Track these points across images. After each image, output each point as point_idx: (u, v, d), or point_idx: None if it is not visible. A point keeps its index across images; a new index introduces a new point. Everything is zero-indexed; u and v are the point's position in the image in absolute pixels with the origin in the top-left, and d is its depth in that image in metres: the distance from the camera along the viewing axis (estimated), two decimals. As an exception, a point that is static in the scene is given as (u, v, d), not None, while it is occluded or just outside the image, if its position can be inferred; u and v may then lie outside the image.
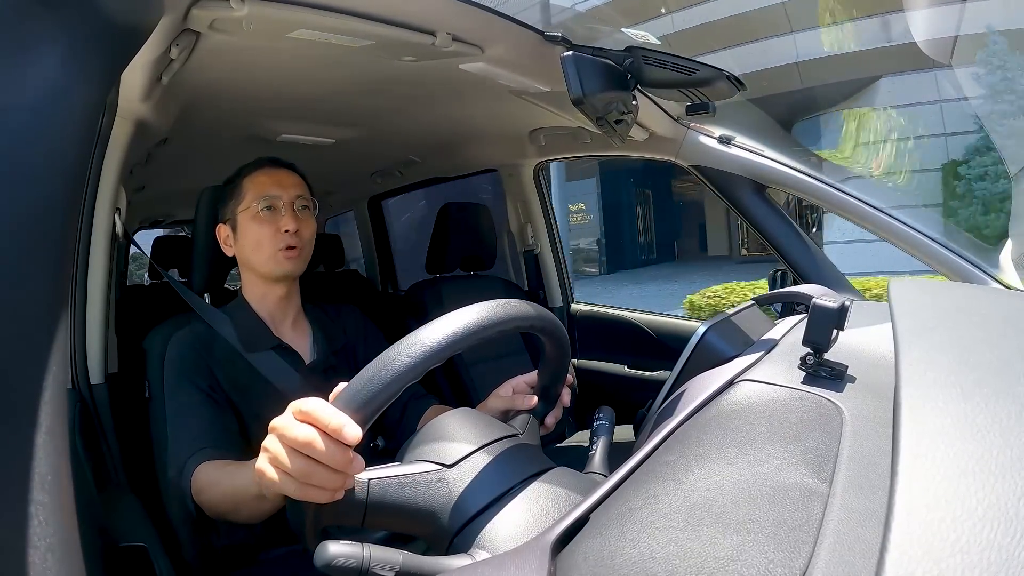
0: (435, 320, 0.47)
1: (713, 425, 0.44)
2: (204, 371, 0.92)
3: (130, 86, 0.93)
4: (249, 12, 0.76)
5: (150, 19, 0.40)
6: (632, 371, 1.78)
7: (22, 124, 0.28)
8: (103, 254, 1.05)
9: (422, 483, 0.48)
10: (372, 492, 0.46)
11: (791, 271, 1.29)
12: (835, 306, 0.47)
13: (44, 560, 0.24)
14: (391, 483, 0.47)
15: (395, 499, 0.47)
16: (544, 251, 1.96)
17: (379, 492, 0.47)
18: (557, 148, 1.68)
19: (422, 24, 0.88)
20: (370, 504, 0.46)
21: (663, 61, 0.88)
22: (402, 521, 0.48)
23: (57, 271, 0.29)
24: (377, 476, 0.47)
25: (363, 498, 0.46)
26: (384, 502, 0.47)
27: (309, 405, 0.45)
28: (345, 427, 0.43)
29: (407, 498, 0.47)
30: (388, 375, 0.44)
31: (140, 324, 1.10)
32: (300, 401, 0.46)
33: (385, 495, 0.47)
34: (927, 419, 0.30)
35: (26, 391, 0.26)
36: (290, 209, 0.97)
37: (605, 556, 0.32)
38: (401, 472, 0.48)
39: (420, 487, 0.48)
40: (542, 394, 0.67)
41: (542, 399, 0.67)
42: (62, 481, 0.26)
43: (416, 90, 1.22)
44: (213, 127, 1.35)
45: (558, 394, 0.67)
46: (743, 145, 1.30)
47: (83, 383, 1.03)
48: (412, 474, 0.48)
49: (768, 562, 0.29)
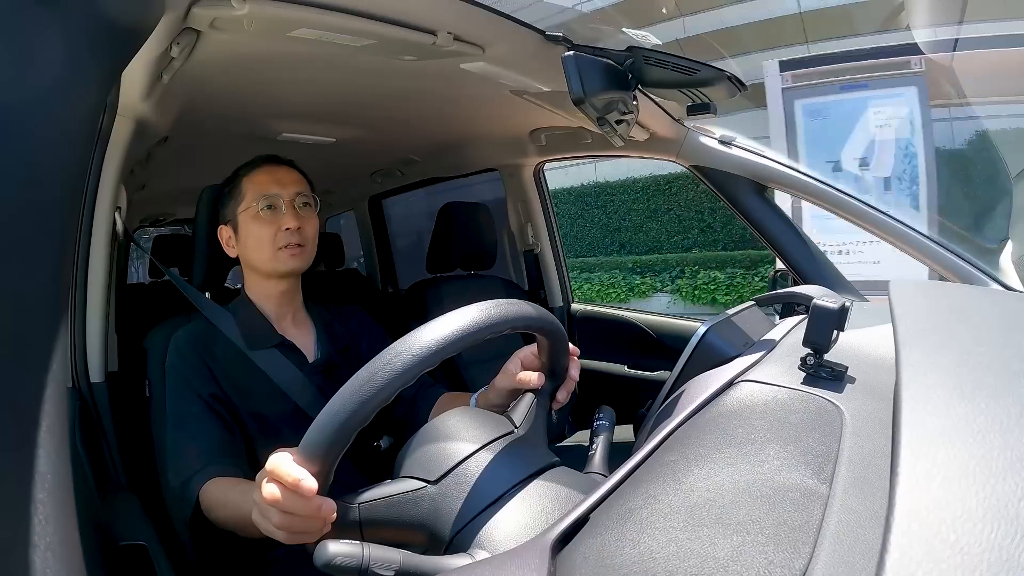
0: (391, 346, 0.48)
1: (713, 425, 0.44)
2: (205, 375, 0.92)
3: (131, 85, 0.93)
4: (250, 11, 0.76)
5: (151, 18, 0.40)
6: (632, 371, 1.78)
7: (22, 124, 0.28)
8: (103, 253, 1.05)
9: (406, 502, 0.49)
10: (363, 514, 0.48)
11: (791, 271, 1.29)
12: (835, 307, 0.47)
13: (44, 560, 0.24)
14: (378, 504, 0.49)
15: (385, 518, 0.49)
16: (544, 251, 1.96)
17: (369, 514, 0.48)
18: (557, 148, 1.68)
19: (423, 24, 0.88)
20: (364, 524, 0.48)
21: (664, 61, 0.88)
22: (398, 534, 0.50)
23: (57, 270, 0.29)
24: (365, 500, 0.49)
25: (356, 520, 0.48)
26: (376, 520, 0.49)
27: (271, 463, 0.48)
28: (302, 481, 0.45)
29: (396, 516, 0.49)
30: (339, 419, 0.45)
31: (140, 323, 1.10)
32: (270, 459, 0.49)
33: (376, 516, 0.49)
34: (927, 420, 0.30)
35: (26, 390, 0.26)
36: (291, 207, 0.97)
37: (605, 556, 0.32)
38: (386, 493, 0.50)
39: (405, 506, 0.49)
40: (549, 372, 0.66)
41: (549, 377, 0.66)
42: (62, 480, 0.26)
43: (417, 90, 1.22)
44: (214, 126, 1.35)
45: (566, 367, 0.66)
46: (743, 145, 1.30)
47: (83, 382, 1.03)
48: (396, 495, 0.50)
49: (768, 563, 0.29)
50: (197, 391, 0.90)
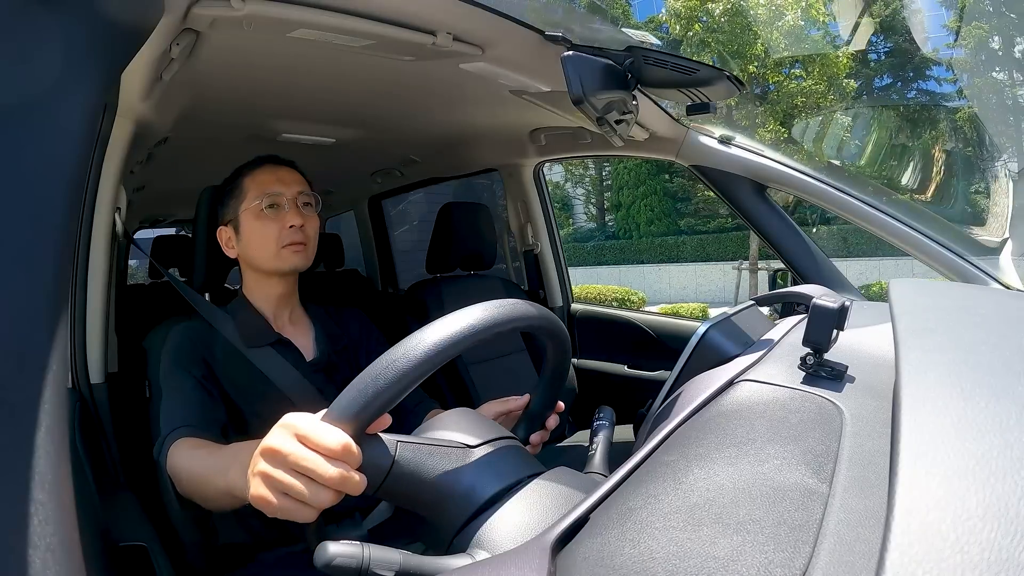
0: (435, 321, 0.47)
1: (713, 425, 0.44)
2: (199, 362, 0.91)
3: (130, 85, 0.93)
4: (249, 12, 0.76)
5: (150, 19, 0.40)
6: (632, 371, 1.78)
7: (22, 124, 0.28)
8: (103, 254, 1.05)
9: (449, 456, 0.48)
10: (400, 455, 0.46)
11: (791, 271, 1.29)
12: (835, 306, 0.47)
13: (44, 560, 0.24)
14: (420, 450, 0.47)
15: (418, 468, 0.46)
16: (544, 251, 1.96)
17: (406, 456, 0.46)
18: (557, 148, 1.68)
19: (422, 24, 0.88)
20: (394, 468, 0.45)
21: (663, 61, 0.88)
22: (417, 494, 0.47)
23: (57, 271, 0.29)
24: (407, 439, 0.47)
25: (389, 461, 0.45)
26: (407, 469, 0.46)
27: (297, 425, 0.44)
28: (350, 446, 0.43)
29: (430, 469, 0.47)
30: (380, 383, 0.43)
31: (140, 324, 1.10)
32: (292, 419, 0.45)
33: (410, 461, 0.46)
34: (927, 419, 0.30)
35: (26, 391, 0.26)
36: (294, 205, 0.97)
37: (605, 556, 0.32)
38: (430, 441, 0.48)
39: (446, 459, 0.47)
40: (527, 420, 0.69)
41: (526, 425, 0.69)
42: (62, 481, 0.26)
43: (416, 90, 1.22)
44: (213, 127, 1.35)
45: (547, 417, 0.69)
46: (743, 145, 1.30)
47: (83, 382, 1.03)
48: (441, 445, 0.48)
49: (768, 562, 0.29)
50: (188, 370, 0.89)
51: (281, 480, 0.44)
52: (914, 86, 13.49)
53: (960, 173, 9.20)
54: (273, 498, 0.45)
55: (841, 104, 9.03)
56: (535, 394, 0.68)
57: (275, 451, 0.45)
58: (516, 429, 0.69)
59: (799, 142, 8.15)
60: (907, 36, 12.20)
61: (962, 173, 9.20)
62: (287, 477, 0.44)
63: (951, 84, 13.16)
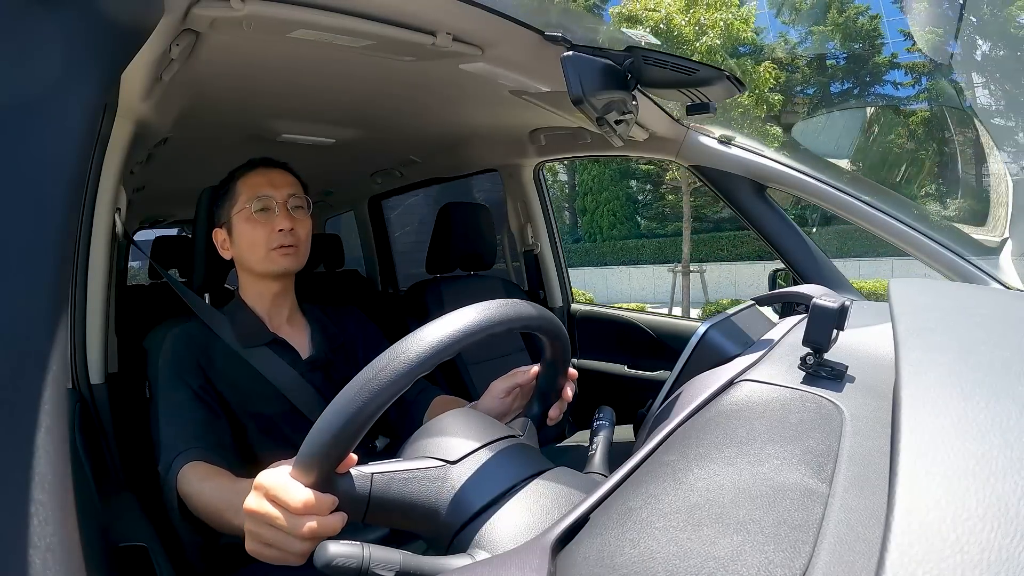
0: (395, 344, 0.46)
1: (713, 425, 0.44)
2: (196, 370, 0.92)
3: (130, 86, 0.93)
4: (249, 12, 0.76)
5: (150, 19, 0.40)
6: (632, 371, 1.78)
7: (22, 124, 0.28)
8: (103, 254, 1.05)
9: (425, 478, 0.48)
10: (375, 486, 0.46)
11: (791, 271, 1.29)
12: (835, 306, 0.47)
13: (44, 560, 0.24)
14: (395, 478, 0.47)
15: (398, 494, 0.47)
16: (544, 251, 1.96)
17: (382, 486, 0.46)
18: (557, 148, 1.68)
19: (422, 24, 0.88)
20: (373, 499, 0.46)
21: (663, 61, 0.88)
22: (404, 517, 0.48)
23: (57, 271, 0.29)
24: (381, 471, 0.47)
25: (366, 493, 0.46)
26: (387, 497, 0.47)
27: (268, 483, 0.47)
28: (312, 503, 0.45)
29: (410, 493, 0.47)
30: (336, 425, 0.43)
31: (140, 324, 1.10)
32: (263, 479, 0.48)
33: (388, 490, 0.47)
34: (927, 419, 0.30)
35: (26, 391, 0.26)
36: (284, 209, 0.97)
37: (605, 556, 0.32)
38: (405, 467, 0.48)
39: (423, 482, 0.48)
40: (540, 397, 0.67)
41: (540, 401, 0.67)
42: (62, 481, 0.26)
43: (416, 90, 1.22)
44: (213, 127, 1.35)
45: (562, 385, 0.66)
46: (743, 145, 1.30)
47: (83, 383, 1.03)
48: (415, 469, 0.48)
49: (768, 562, 0.29)
50: (187, 382, 0.90)
51: (263, 536, 0.49)
52: (916, 87, 13.54)
53: (957, 173, 9.20)
54: (263, 551, 0.49)
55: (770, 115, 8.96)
56: (543, 371, 0.66)
57: (252, 512, 0.49)
58: (530, 407, 0.67)
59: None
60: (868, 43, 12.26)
61: (960, 174, 9.20)
62: (267, 533, 0.48)
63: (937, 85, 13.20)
